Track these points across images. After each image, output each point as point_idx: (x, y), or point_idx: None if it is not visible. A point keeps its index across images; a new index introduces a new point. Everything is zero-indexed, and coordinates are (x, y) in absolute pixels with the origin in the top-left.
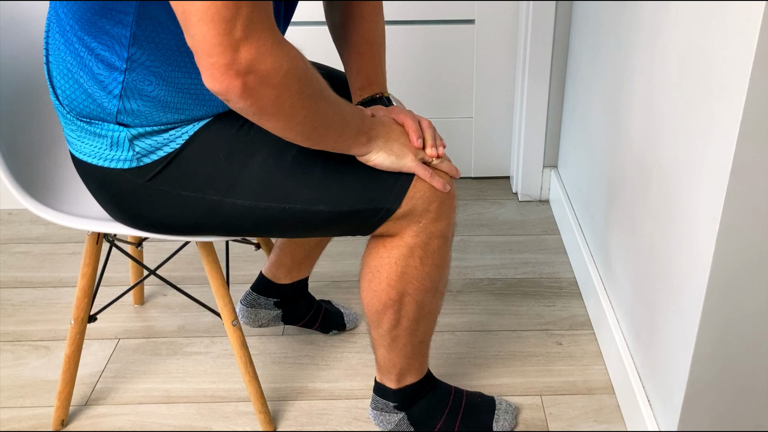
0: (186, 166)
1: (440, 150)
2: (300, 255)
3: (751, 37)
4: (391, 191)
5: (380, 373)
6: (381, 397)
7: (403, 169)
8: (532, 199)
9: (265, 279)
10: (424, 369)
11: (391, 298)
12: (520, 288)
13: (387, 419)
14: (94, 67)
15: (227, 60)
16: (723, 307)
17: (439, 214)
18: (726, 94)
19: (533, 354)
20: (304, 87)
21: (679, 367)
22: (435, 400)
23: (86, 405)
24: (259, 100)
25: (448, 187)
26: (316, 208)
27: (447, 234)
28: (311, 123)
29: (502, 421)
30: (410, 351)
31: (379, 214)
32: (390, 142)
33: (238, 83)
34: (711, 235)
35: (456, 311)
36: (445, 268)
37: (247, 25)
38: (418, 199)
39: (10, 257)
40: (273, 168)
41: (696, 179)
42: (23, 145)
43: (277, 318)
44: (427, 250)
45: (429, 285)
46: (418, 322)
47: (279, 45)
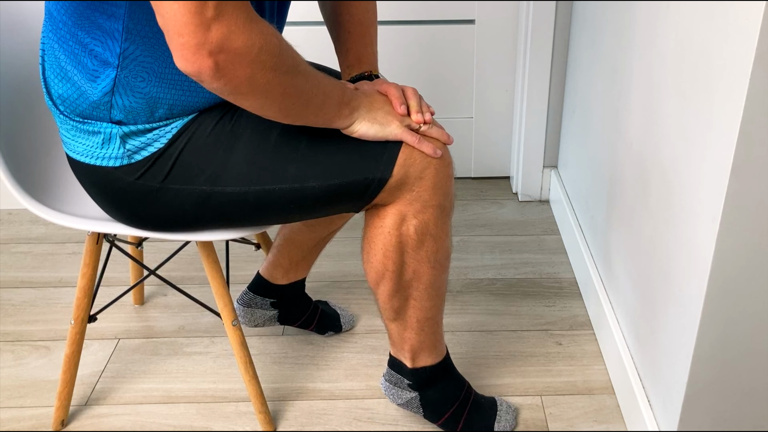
0: (174, 160)
1: (427, 116)
2: (297, 256)
3: (751, 37)
4: (381, 160)
5: (394, 348)
6: (396, 372)
7: (389, 137)
8: (532, 199)
9: (262, 279)
10: (440, 353)
11: (387, 268)
12: (520, 288)
13: (399, 394)
14: (88, 62)
15: (198, 39)
16: (723, 307)
17: (434, 182)
18: (726, 94)
19: (533, 354)
20: (279, 63)
21: (679, 367)
22: (449, 389)
23: (86, 405)
24: (233, 79)
25: (438, 152)
26: (307, 185)
27: (444, 204)
28: (289, 99)
29: (503, 421)
30: (417, 325)
31: (372, 184)
32: (373, 111)
33: (209, 63)
34: (711, 235)
35: (456, 311)
36: (444, 240)
37: (218, 3)
38: (410, 166)
39: (10, 257)
40: (258, 150)
41: (696, 179)
42: (23, 145)
43: (273, 318)
44: (421, 219)
45: (425, 256)
46: (420, 293)
47: (251, 22)
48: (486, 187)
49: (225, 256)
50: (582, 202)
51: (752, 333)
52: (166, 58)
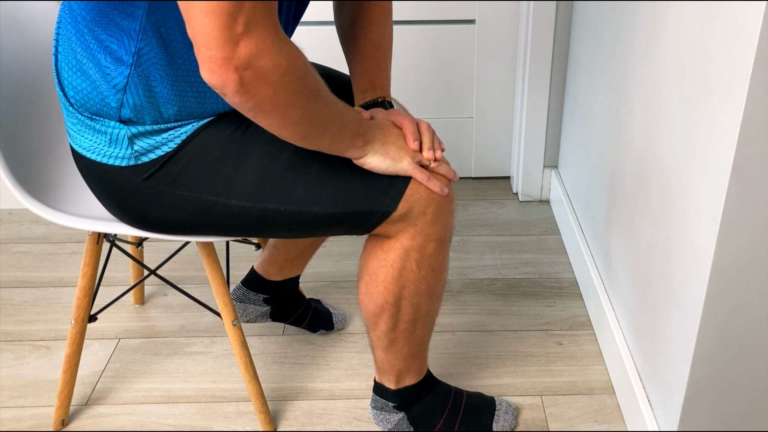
0: (182, 166)
1: (438, 153)
2: (293, 253)
3: (751, 37)
4: (388, 194)
5: (379, 374)
6: (380, 397)
7: (400, 172)
8: (533, 200)
9: (256, 275)
10: (423, 370)
11: (388, 301)
12: (521, 288)
13: (387, 418)
14: (102, 59)
15: (226, 54)
16: (723, 307)
17: (436, 217)
18: (726, 94)
19: (533, 354)
20: (302, 86)
21: (680, 367)
22: (435, 400)
23: (86, 405)
24: (255, 96)
25: (445, 190)
26: (311, 209)
27: (444, 237)
28: (308, 122)
29: (502, 421)
30: (408, 353)
31: (376, 216)
32: (387, 145)
33: (235, 78)
34: (711, 235)
35: (456, 311)
36: (443, 272)
37: (249, 20)
38: (415, 201)
39: (10, 257)
40: (268, 168)
41: (696, 179)
42: (24, 145)
43: (265, 314)
44: (424, 253)
45: (425, 288)
46: (415, 325)
47: (279, 42)
48: (486, 187)
49: (225, 256)
50: (582, 202)
51: (752, 333)
52: (180, 61)
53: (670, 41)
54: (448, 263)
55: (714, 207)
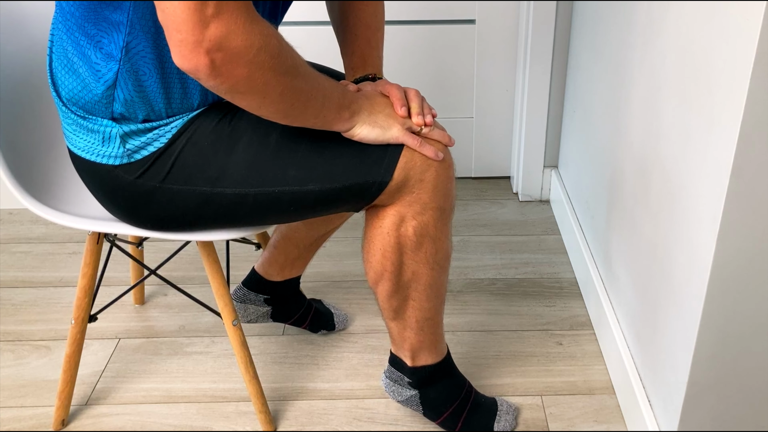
0: (173, 161)
1: (428, 118)
2: (294, 253)
3: (751, 37)
4: (381, 163)
5: (394, 346)
6: (397, 370)
7: (390, 140)
8: (533, 199)
9: (257, 275)
10: (441, 352)
11: (386, 269)
12: (521, 288)
13: (399, 391)
14: (92, 56)
15: (196, 37)
16: (723, 307)
17: (434, 184)
18: (726, 94)
19: (533, 354)
20: (278, 64)
21: (680, 367)
22: (449, 389)
23: (87, 405)
24: (229, 78)
25: (440, 155)
26: (306, 188)
27: (444, 206)
28: (288, 100)
29: (503, 421)
30: (417, 326)
31: (373, 187)
32: (374, 114)
33: (206, 61)
34: (711, 235)
35: (456, 311)
36: (443, 242)
37: (219, 2)
38: (411, 168)
39: (10, 257)
40: (258, 152)
41: (696, 179)
42: (23, 145)
43: (266, 315)
44: (420, 220)
45: (423, 257)
46: (419, 294)
47: (251, 22)
48: (486, 187)
49: (225, 256)
50: (582, 202)
51: (752, 333)
52: (168, 54)
53: (670, 41)
54: (450, 234)
55: (714, 207)
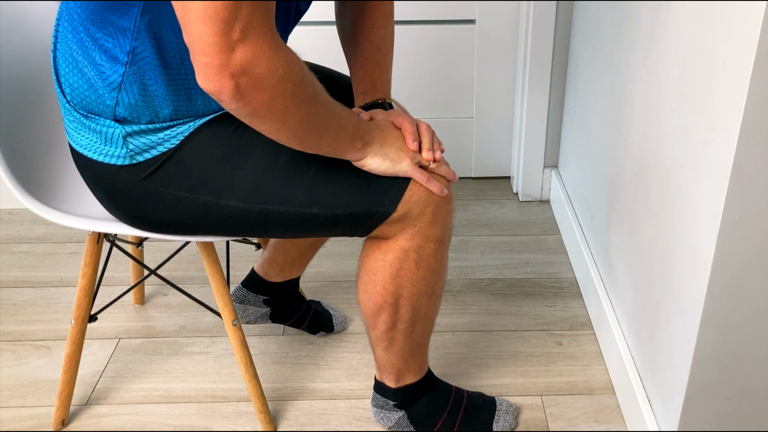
0: (180, 167)
1: (437, 154)
2: (293, 255)
3: (751, 38)
4: (387, 195)
5: (379, 372)
6: (381, 395)
7: (399, 173)
8: (533, 200)
9: (256, 276)
10: (423, 369)
11: (386, 301)
12: (521, 288)
13: (387, 416)
14: (97, 57)
15: (221, 60)
16: (723, 307)
17: (434, 217)
18: (726, 94)
19: (534, 354)
20: (299, 91)
21: (680, 367)
22: (435, 399)
23: (87, 405)
24: (251, 102)
25: (445, 191)
26: (310, 211)
27: (443, 238)
28: (305, 127)
29: (502, 421)
30: (407, 352)
31: (375, 217)
32: (386, 146)
33: (230, 84)
34: (711, 235)
35: (456, 311)
36: (442, 272)
37: (245, 27)
38: (414, 202)
39: (10, 257)
40: (267, 170)
41: (696, 179)
42: (24, 145)
43: (265, 315)
44: (422, 253)
45: (424, 288)
46: (414, 325)
47: (276, 49)
48: (486, 187)
49: (225, 256)
50: (582, 202)
51: (752, 333)
52: (173, 61)
53: (670, 41)
54: (447, 264)
55: (714, 207)
